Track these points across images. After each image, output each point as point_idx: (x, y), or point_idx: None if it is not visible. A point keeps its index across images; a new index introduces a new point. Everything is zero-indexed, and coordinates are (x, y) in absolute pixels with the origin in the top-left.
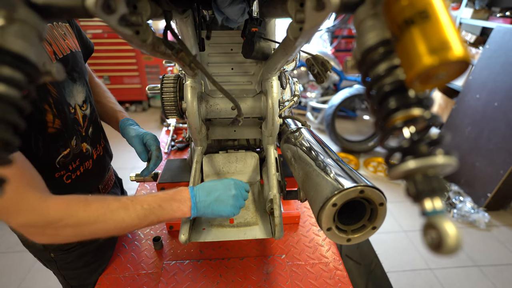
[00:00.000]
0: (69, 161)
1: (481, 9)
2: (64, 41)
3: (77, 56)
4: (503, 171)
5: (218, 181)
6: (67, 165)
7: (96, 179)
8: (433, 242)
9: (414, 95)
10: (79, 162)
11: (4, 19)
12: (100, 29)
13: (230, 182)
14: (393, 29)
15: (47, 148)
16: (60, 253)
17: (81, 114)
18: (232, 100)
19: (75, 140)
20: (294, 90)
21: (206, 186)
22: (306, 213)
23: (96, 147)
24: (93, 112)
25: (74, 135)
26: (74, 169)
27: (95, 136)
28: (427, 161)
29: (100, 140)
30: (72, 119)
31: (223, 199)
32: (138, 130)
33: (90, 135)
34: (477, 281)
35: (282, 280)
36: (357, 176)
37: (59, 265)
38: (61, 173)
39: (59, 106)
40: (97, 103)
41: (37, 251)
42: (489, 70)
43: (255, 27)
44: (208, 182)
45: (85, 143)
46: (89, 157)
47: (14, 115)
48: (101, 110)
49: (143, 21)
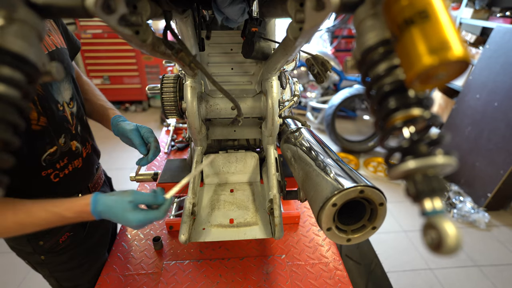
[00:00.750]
0: (57, 159)
1: (481, 9)
2: (49, 37)
3: (62, 52)
4: (503, 171)
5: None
6: (54, 163)
7: (86, 178)
8: (433, 242)
9: (414, 95)
10: (67, 160)
11: (4, 19)
12: (100, 29)
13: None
14: (393, 29)
15: (32, 146)
16: (52, 255)
17: (69, 111)
18: (232, 100)
19: (63, 138)
20: (294, 90)
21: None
22: (306, 213)
23: (85, 145)
24: (80, 109)
25: (62, 133)
26: (62, 168)
27: (84, 134)
28: (427, 161)
29: (88, 138)
30: (61, 117)
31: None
32: (133, 124)
33: (79, 133)
34: (477, 281)
35: (282, 280)
36: (357, 176)
37: (50, 268)
38: (48, 172)
39: (44, 104)
40: (86, 101)
41: (26, 255)
42: (489, 70)
43: (255, 27)
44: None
45: (75, 141)
46: (78, 155)
47: (14, 115)
48: (91, 108)
49: (143, 21)
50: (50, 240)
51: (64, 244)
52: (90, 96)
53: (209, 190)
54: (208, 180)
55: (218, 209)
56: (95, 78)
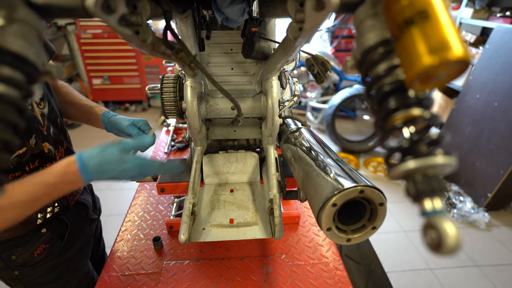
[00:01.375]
0: (26, 161)
1: (481, 9)
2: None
3: None
4: (503, 171)
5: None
6: (24, 166)
7: None
8: (433, 242)
9: (414, 95)
10: (38, 163)
11: (4, 19)
12: (100, 29)
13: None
14: (393, 29)
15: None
16: (26, 269)
17: (39, 111)
18: (232, 100)
19: (34, 138)
20: (294, 90)
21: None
22: (306, 213)
23: (58, 149)
24: (53, 112)
25: (33, 133)
26: (32, 170)
27: (57, 137)
28: (427, 161)
29: (62, 141)
30: (30, 116)
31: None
32: (128, 119)
33: (52, 134)
34: (477, 281)
35: (282, 280)
36: (357, 176)
37: (25, 282)
38: (15, 175)
39: None
40: (67, 103)
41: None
42: (489, 70)
43: (255, 27)
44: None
45: (47, 143)
46: (51, 159)
47: (14, 115)
48: (74, 110)
49: (143, 21)
50: (24, 254)
51: (39, 258)
52: (71, 98)
53: (209, 190)
54: (208, 180)
55: (218, 209)
56: (95, 78)
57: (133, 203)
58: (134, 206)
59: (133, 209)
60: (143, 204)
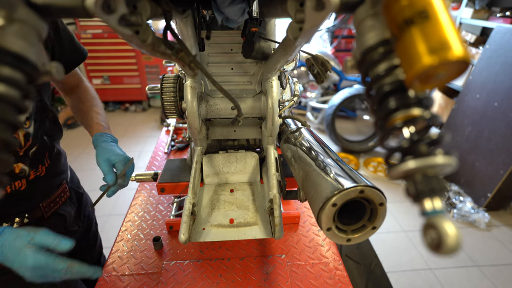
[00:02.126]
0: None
1: (481, 9)
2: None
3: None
4: (503, 171)
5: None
6: None
7: (32, 200)
8: (433, 242)
9: (414, 95)
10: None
11: (4, 19)
12: (100, 29)
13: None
14: (393, 29)
15: None
16: None
17: (23, 132)
18: (232, 100)
19: None
20: (294, 90)
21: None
22: (306, 213)
23: (37, 168)
24: (41, 127)
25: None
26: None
27: (37, 156)
28: (427, 161)
29: (43, 160)
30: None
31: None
32: (107, 151)
33: (30, 155)
34: (477, 281)
35: (282, 280)
36: (357, 176)
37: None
38: None
39: None
40: (80, 110)
41: None
42: (489, 70)
43: (255, 27)
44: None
45: (20, 164)
46: (21, 178)
47: (14, 115)
48: (80, 119)
49: (143, 21)
50: None
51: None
52: (83, 105)
53: (209, 190)
54: (208, 180)
55: (218, 209)
56: (95, 78)
57: (133, 203)
58: (134, 206)
59: (133, 209)
60: (143, 204)
